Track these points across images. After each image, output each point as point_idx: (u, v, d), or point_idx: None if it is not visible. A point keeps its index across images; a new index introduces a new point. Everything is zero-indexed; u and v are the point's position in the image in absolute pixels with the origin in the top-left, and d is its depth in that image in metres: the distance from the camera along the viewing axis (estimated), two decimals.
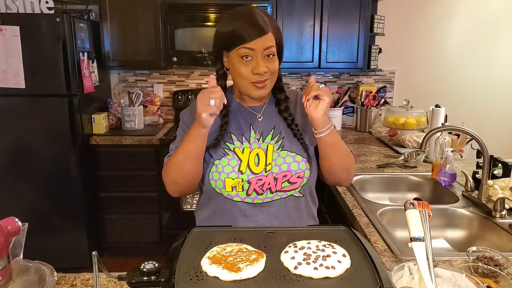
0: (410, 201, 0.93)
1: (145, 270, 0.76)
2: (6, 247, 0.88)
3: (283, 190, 1.23)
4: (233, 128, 1.27)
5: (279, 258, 0.81)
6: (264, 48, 1.14)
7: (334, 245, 0.85)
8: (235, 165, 1.21)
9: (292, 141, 1.27)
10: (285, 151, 1.24)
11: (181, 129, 1.32)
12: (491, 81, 3.47)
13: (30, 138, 2.60)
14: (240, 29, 1.13)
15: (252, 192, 1.22)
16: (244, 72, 1.17)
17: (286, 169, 1.23)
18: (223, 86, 1.24)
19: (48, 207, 2.70)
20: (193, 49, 2.94)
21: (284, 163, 1.23)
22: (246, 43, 1.13)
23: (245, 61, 1.15)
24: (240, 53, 1.15)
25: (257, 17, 1.14)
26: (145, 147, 2.80)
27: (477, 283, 0.83)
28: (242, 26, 1.13)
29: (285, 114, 1.28)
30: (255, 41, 1.13)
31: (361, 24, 2.98)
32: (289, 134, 1.28)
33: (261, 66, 1.15)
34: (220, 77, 1.26)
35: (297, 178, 1.23)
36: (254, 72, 1.16)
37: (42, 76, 2.52)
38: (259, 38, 1.13)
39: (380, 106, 3.19)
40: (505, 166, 1.65)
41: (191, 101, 3.24)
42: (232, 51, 1.16)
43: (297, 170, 1.23)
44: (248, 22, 1.13)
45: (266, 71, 1.16)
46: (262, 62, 1.15)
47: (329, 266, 0.76)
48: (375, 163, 2.16)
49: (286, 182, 1.23)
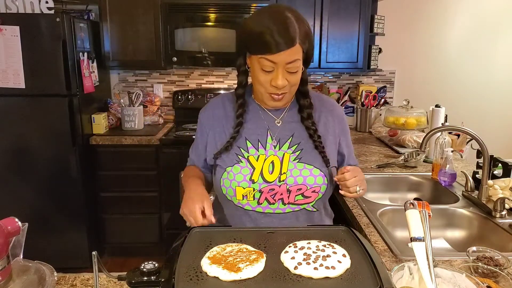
0: (410, 201, 0.93)
1: (145, 270, 0.76)
2: (6, 247, 0.88)
3: (296, 203, 1.19)
4: (249, 133, 1.21)
5: (279, 258, 0.82)
6: (287, 62, 1.06)
7: (334, 245, 0.85)
8: (247, 174, 1.17)
9: (311, 152, 1.20)
10: (302, 164, 1.18)
11: (197, 132, 1.33)
12: (491, 81, 3.47)
13: (30, 138, 2.60)
14: (266, 36, 1.04)
15: (263, 201, 1.18)
16: (262, 81, 1.11)
17: (301, 182, 1.17)
18: (243, 84, 1.20)
19: (48, 207, 2.70)
20: (193, 49, 2.94)
21: (300, 175, 1.17)
22: (269, 55, 1.05)
23: (265, 72, 1.09)
24: (261, 63, 1.08)
25: (287, 26, 1.04)
26: (145, 147, 2.80)
27: (477, 283, 0.83)
28: (269, 33, 1.03)
29: (307, 122, 1.20)
30: (279, 54, 1.04)
31: (361, 24, 2.98)
32: (309, 145, 1.20)
33: (280, 80, 1.08)
34: (241, 73, 1.19)
35: (312, 193, 1.18)
36: (272, 84, 1.10)
37: (42, 76, 2.52)
38: (283, 51, 1.04)
39: (380, 106, 3.19)
40: (505, 166, 1.65)
41: (191, 101, 3.24)
42: (254, 56, 1.09)
43: (313, 184, 1.17)
44: (277, 30, 1.03)
45: (285, 85, 1.10)
46: (282, 76, 1.08)
47: (329, 266, 0.76)
48: (375, 163, 2.16)
49: (300, 196, 1.18)
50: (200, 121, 1.30)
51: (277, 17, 1.06)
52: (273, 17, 1.06)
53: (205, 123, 1.28)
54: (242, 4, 2.86)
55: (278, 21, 1.05)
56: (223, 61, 3.03)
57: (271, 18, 1.06)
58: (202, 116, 1.30)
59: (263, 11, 1.11)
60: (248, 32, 1.09)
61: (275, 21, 1.05)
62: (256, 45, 1.07)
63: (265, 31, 1.04)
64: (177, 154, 2.78)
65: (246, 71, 1.18)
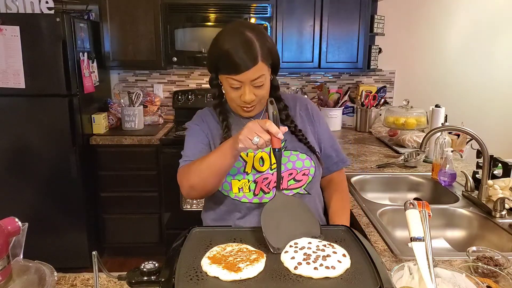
0: (410, 201, 0.93)
1: (145, 270, 0.76)
2: (6, 247, 0.88)
3: (289, 188, 1.24)
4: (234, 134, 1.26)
5: (279, 258, 0.82)
6: (252, 80, 1.13)
7: (334, 245, 0.85)
8: (240, 167, 1.22)
9: (295, 143, 1.28)
10: (289, 151, 1.26)
11: (190, 135, 1.31)
12: (491, 81, 3.47)
13: (30, 138, 2.60)
14: (230, 58, 1.10)
15: (259, 192, 1.22)
16: (232, 97, 1.19)
17: (291, 167, 1.24)
18: (217, 95, 1.26)
19: (48, 207, 2.70)
20: (193, 49, 2.94)
21: (288, 161, 1.24)
22: (234, 75, 1.12)
23: (233, 88, 1.16)
24: (229, 82, 1.15)
25: (248, 46, 1.10)
26: (145, 147, 2.80)
27: (477, 283, 0.83)
28: (232, 55, 1.10)
29: (287, 122, 1.28)
30: (243, 74, 1.11)
31: (361, 24, 2.98)
32: (293, 139, 1.28)
33: (248, 95, 1.15)
34: (214, 86, 1.25)
35: (303, 176, 1.25)
36: (242, 99, 1.17)
37: (42, 76, 2.52)
38: (247, 70, 1.11)
39: (380, 106, 3.19)
40: (505, 166, 1.64)
41: (191, 101, 3.24)
42: (222, 75, 1.17)
43: (302, 167, 1.25)
44: (238, 53, 1.10)
45: (253, 99, 1.17)
46: (249, 91, 1.15)
47: (329, 266, 0.76)
48: (375, 163, 2.16)
49: (291, 180, 1.24)
50: (193, 125, 1.33)
51: (238, 38, 1.12)
52: (234, 39, 1.12)
53: (200, 125, 1.31)
54: (242, 4, 2.86)
55: (240, 43, 1.11)
56: None
57: (232, 40, 1.12)
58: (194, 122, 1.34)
59: (225, 33, 1.17)
60: (214, 53, 1.16)
61: (236, 42, 1.11)
62: (223, 65, 1.14)
63: (228, 53, 1.11)
64: (177, 154, 2.73)
65: (218, 85, 1.24)
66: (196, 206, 2.93)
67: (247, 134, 1.00)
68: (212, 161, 1.13)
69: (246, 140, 1.00)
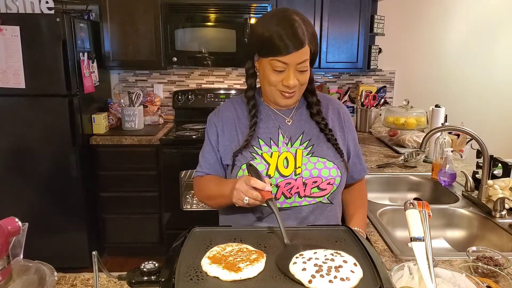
0: (410, 201, 0.93)
1: (145, 270, 0.76)
2: (6, 247, 0.88)
3: (312, 196, 1.21)
4: (260, 132, 1.24)
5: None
6: (298, 63, 1.12)
7: (341, 252, 0.82)
8: (262, 170, 1.18)
9: (323, 146, 1.24)
10: (316, 157, 1.21)
11: (206, 140, 1.32)
12: (491, 81, 3.47)
13: (30, 138, 2.60)
14: (277, 39, 1.09)
15: (280, 196, 1.19)
16: (273, 81, 1.16)
17: (316, 175, 1.20)
18: (252, 86, 1.24)
19: (48, 207, 2.70)
20: (193, 49, 2.94)
21: (314, 168, 1.20)
22: (281, 57, 1.10)
23: (276, 72, 1.14)
24: (273, 64, 1.13)
25: (296, 29, 1.10)
26: (145, 147, 2.80)
27: (477, 283, 0.83)
28: (279, 36, 1.09)
29: (317, 117, 1.25)
30: (290, 55, 1.10)
31: (361, 24, 2.98)
32: (321, 139, 1.24)
33: (292, 79, 1.13)
34: (250, 76, 1.23)
35: (327, 185, 1.21)
36: (284, 84, 1.15)
37: (42, 76, 2.52)
38: (294, 52, 1.10)
39: (380, 106, 3.19)
40: (505, 166, 1.65)
41: (191, 101, 3.24)
42: (265, 58, 1.14)
43: (327, 176, 1.20)
44: (287, 34, 1.09)
45: (296, 84, 1.15)
46: (293, 76, 1.13)
47: (344, 277, 0.73)
48: (375, 163, 2.16)
49: (315, 188, 1.20)
50: (210, 123, 1.31)
51: (286, 21, 1.11)
52: (281, 21, 1.11)
53: (216, 124, 1.29)
54: (242, 4, 2.86)
55: (287, 25, 1.10)
56: (223, 61, 3.03)
57: (279, 23, 1.11)
58: (212, 118, 1.32)
59: (270, 16, 1.16)
60: (258, 37, 1.14)
61: (284, 25, 1.10)
62: (270, 47, 1.11)
63: (276, 34, 1.09)
64: (177, 154, 2.78)
65: (255, 74, 1.23)
66: (196, 206, 2.93)
67: (237, 196, 1.07)
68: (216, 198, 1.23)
69: (238, 202, 1.08)
